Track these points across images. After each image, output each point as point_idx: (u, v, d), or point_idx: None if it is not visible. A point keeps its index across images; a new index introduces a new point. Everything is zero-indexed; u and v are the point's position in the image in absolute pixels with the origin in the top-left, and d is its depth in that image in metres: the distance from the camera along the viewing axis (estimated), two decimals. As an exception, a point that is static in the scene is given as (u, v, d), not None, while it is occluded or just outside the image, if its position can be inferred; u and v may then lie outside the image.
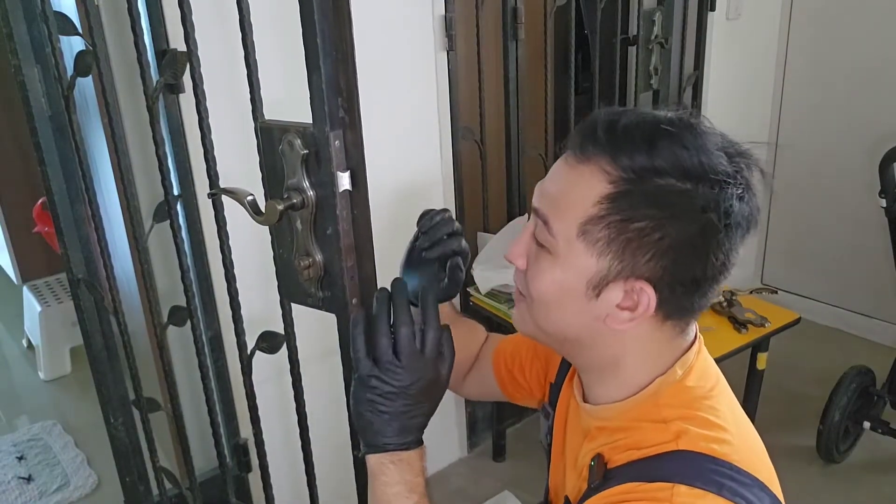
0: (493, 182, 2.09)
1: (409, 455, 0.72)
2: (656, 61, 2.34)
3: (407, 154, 1.87)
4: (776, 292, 2.30)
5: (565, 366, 0.90)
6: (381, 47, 1.72)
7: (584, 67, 2.90)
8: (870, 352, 2.69)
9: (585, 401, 0.79)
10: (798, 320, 1.88)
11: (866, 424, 2.11)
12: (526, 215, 2.10)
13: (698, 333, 0.77)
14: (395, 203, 1.87)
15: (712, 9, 2.50)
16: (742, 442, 0.70)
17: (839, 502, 2.04)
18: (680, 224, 0.64)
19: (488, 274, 1.96)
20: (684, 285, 0.67)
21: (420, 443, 0.74)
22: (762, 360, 1.86)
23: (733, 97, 2.74)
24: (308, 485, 1.09)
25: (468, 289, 2.06)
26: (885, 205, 1.96)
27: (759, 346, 1.83)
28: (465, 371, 1.05)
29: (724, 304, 1.89)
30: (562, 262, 0.68)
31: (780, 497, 0.70)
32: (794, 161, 2.92)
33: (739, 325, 1.82)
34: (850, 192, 2.74)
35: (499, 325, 2.11)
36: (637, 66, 2.34)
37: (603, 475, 0.70)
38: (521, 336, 1.00)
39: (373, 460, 0.73)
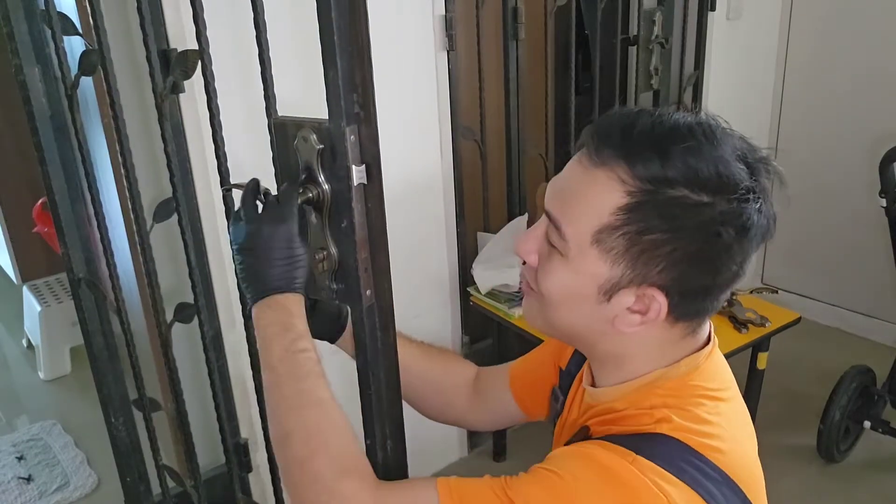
0: (493, 182, 2.09)
1: (283, 298, 0.73)
2: (656, 61, 2.34)
3: (407, 154, 1.87)
4: (776, 292, 2.30)
5: (579, 354, 0.90)
6: (381, 47, 1.70)
7: (585, 67, 2.90)
8: (870, 351, 2.69)
9: (593, 385, 0.80)
10: (798, 320, 1.88)
11: (867, 424, 2.11)
12: (525, 215, 2.11)
13: (713, 336, 0.76)
14: (395, 203, 1.87)
15: (712, 9, 2.50)
16: (736, 448, 0.69)
17: (839, 502, 2.04)
18: (693, 237, 0.63)
19: (488, 274, 1.97)
20: (696, 292, 0.67)
21: (292, 290, 0.74)
22: (762, 360, 1.86)
23: (733, 97, 2.75)
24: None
25: (468, 289, 2.06)
26: (885, 205, 1.96)
27: (759, 345, 1.83)
28: (462, 399, 1.04)
29: (725, 303, 1.88)
30: (573, 266, 0.68)
31: None
32: (795, 161, 2.93)
33: (740, 324, 1.82)
34: (850, 192, 2.74)
35: (498, 325, 2.11)
36: (637, 66, 2.34)
37: (582, 439, 0.73)
38: (532, 353, 1.02)
39: (255, 310, 0.74)
